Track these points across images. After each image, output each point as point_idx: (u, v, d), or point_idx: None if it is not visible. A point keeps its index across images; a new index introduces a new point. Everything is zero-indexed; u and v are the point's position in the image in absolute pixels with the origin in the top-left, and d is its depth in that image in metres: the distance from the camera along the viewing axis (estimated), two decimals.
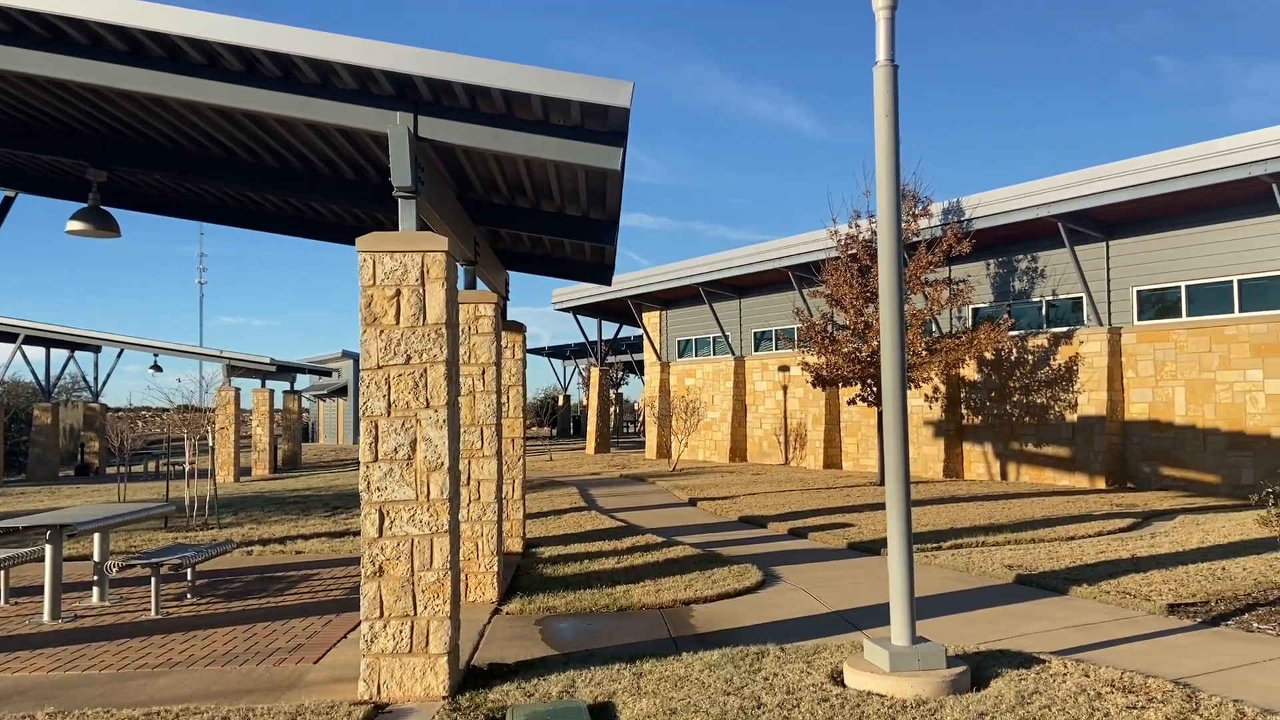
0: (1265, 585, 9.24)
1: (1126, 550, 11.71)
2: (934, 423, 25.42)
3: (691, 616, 8.69)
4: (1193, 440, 20.35)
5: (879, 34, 6.87)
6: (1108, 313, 21.98)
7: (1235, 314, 19.85)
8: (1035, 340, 23.47)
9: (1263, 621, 7.92)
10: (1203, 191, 18.88)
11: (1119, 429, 21.68)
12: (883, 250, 6.82)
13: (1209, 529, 13.52)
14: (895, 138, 6.87)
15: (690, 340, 36.78)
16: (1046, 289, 23.51)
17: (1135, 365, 21.51)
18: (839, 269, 22.28)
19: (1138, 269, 21.58)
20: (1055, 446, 22.87)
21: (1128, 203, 19.88)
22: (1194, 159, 18.48)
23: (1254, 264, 19.54)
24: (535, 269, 12.55)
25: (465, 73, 6.11)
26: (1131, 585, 9.34)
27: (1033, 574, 10.14)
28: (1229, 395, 19.78)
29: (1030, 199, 21.43)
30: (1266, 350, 19.19)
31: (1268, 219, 18.89)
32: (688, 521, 16.00)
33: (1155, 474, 20.98)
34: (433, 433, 6.22)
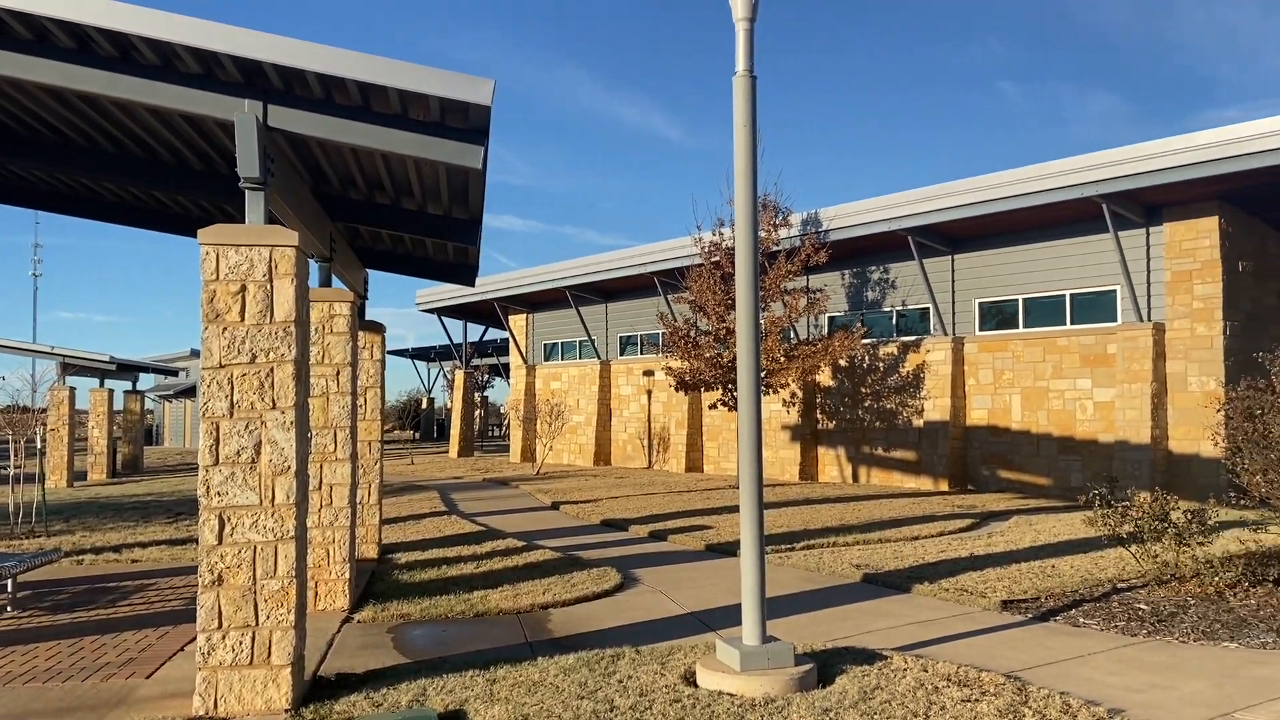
0: (1091, 582, 9.87)
1: (965, 549, 12.31)
2: (791, 427, 26.14)
3: (549, 621, 8.64)
4: (1027, 445, 21.61)
5: (738, 45, 7.00)
6: (952, 323, 23.10)
7: (1067, 326, 21.17)
8: (886, 348, 24.45)
9: (1088, 616, 8.45)
10: (1039, 210, 20.08)
11: (961, 433, 22.82)
12: (740, 256, 6.95)
13: (1040, 529, 14.37)
14: (753, 147, 7.01)
15: (556, 344, 36.69)
16: (897, 299, 24.52)
17: (977, 373, 22.68)
18: (703, 275, 22.66)
19: (980, 282, 22.77)
20: (903, 450, 23.88)
21: (971, 219, 20.96)
22: (1031, 179, 19.65)
23: (1085, 279, 20.90)
24: (396, 268, 12.26)
25: (319, 62, 5.91)
26: (969, 583, 9.82)
27: (879, 573, 10.53)
28: (1061, 403, 21.09)
29: (882, 213, 22.33)
30: (1095, 361, 20.55)
31: (1098, 237, 20.24)
32: (550, 525, 15.93)
33: (993, 476, 22.17)
34: (279, 435, 5.98)
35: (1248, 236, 19.81)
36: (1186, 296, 19.20)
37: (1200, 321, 18.98)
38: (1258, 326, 19.65)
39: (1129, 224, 19.74)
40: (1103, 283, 20.58)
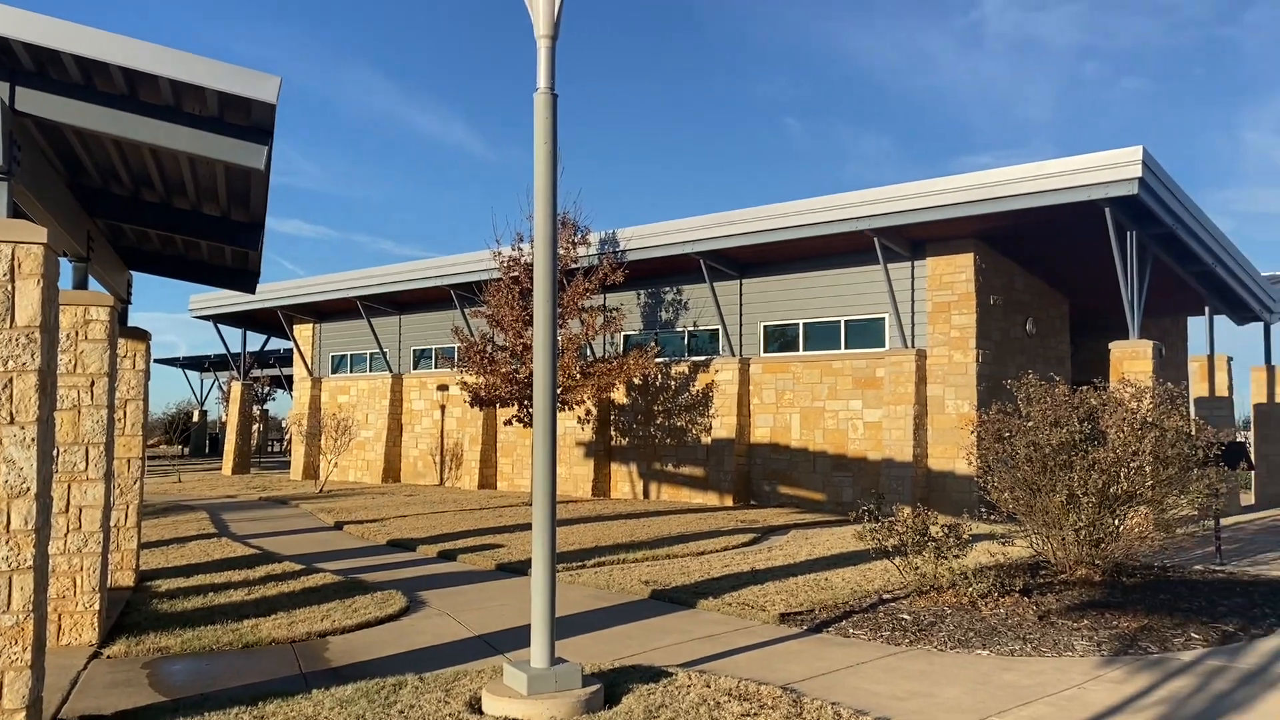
0: (860, 594, 10.45)
1: (748, 564, 12.75)
2: (585, 443, 26.31)
3: (328, 650, 8.21)
4: (805, 462, 22.74)
5: (540, 62, 6.97)
6: (740, 345, 24.03)
7: (842, 350, 22.49)
8: (678, 368, 25.10)
9: (857, 627, 8.92)
10: (818, 241, 21.27)
11: (746, 451, 23.73)
12: (539, 272, 6.91)
13: (816, 543, 15.11)
14: (553, 165, 6.99)
15: (346, 356, 35.29)
16: (689, 320, 25.25)
17: (761, 393, 23.68)
18: (501, 290, 22.46)
19: (766, 306, 23.82)
20: (692, 467, 24.55)
21: (757, 245, 21.92)
22: (811, 211, 20.79)
23: (858, 307, 22.28)
24: (167, 271, 11.39)
25: (78, 43, 5.39)
26: (750, 597, 10.16)
27: (666, 589, 10.72)
28: (835, 422, 22.34)
29: (677, 236, 22.96)
30: (866, 383, 21.92)
31: (870, 268, 21.63)
32: (332, 547, 15.21)
33: (774, 492, 23.17)
34: (17, 453, 5.36)
35: (999, 273, 21.76)
36: (945, 326, 20.85)
37: (957, 349, 20.65)
38: (1006, 355, 21.60)
39: (897, 257, 21.23)
40: (874, 311, 22.01)
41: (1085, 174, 17.45)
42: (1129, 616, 9.21)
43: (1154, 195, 17.58)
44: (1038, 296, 23.36)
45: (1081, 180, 17.50)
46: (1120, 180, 17.06)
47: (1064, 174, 17.73)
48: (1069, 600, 10.01)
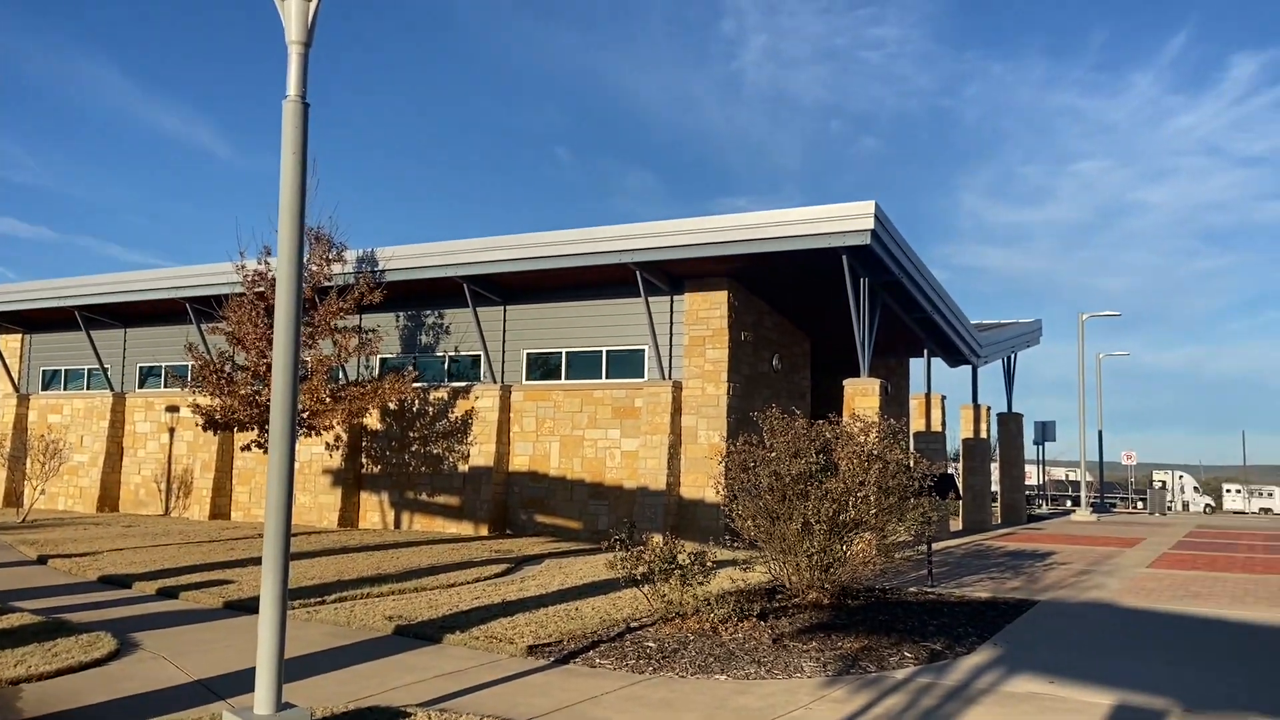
0: (609, 622, 10.54)
1: (500, 595, 12.56)
2: (334, 471, 25.12)
3: (21, 699, 7.26)
4: (563, 490, 22.84)
5: (291, 69, 6.62)
6: (502, 371, 23.86)
7: (603, 380, 22.85)
8: (437, 393, 24.55)
9: (604, 656, 8.98)
10: (583, 271, 21.57)
11: (504, 479, 23.52)
12: (281, 288, 6.50)
13: (569, 572, 15.15)
14: (302, 176, 6.63)
15: (60, 371, 31.87)
16: (451, 345, 24.80)
17: (521, 420, 23.59)
18: (244, 306, 21.06)
19: (530, 333, 23.82)
20: (448, 495, 24.02)
21: (523, 272, 21.92)
22: (577, 242, 21.07)
23: (620, 338, 22.75)
24: None
25: None
26: (499, 629, 10.00)
27: (412, 624, 10.34)
28: (594, 451, 22.61)
29: (441, 258, 22.54)
30: (624, 413, 22.36)
31: (632, 301, 22.14)
32: (34, 583, 13.57)
33: (531, 521, 23.09)
34: None
35: (750, 311, 22.93)
36: (700, 359, 21.69)
37: (710, 381, 21.52)
38: (754, 388, 22.74)
39: (658, 291, 21.89)
40: (634, 342, 22.54)
41: (826, 223, 18.77)
42: (852, 637, 9.84)
43: (884, 246, 19.16)
44: (784, 334, 24.81)
45: (823, 228, 18.80)
46: (855, 230, 18.47)
47: (808, 221, 18.98)
48: (801, 623, 10.57)
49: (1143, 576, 15.55)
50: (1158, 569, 16.78)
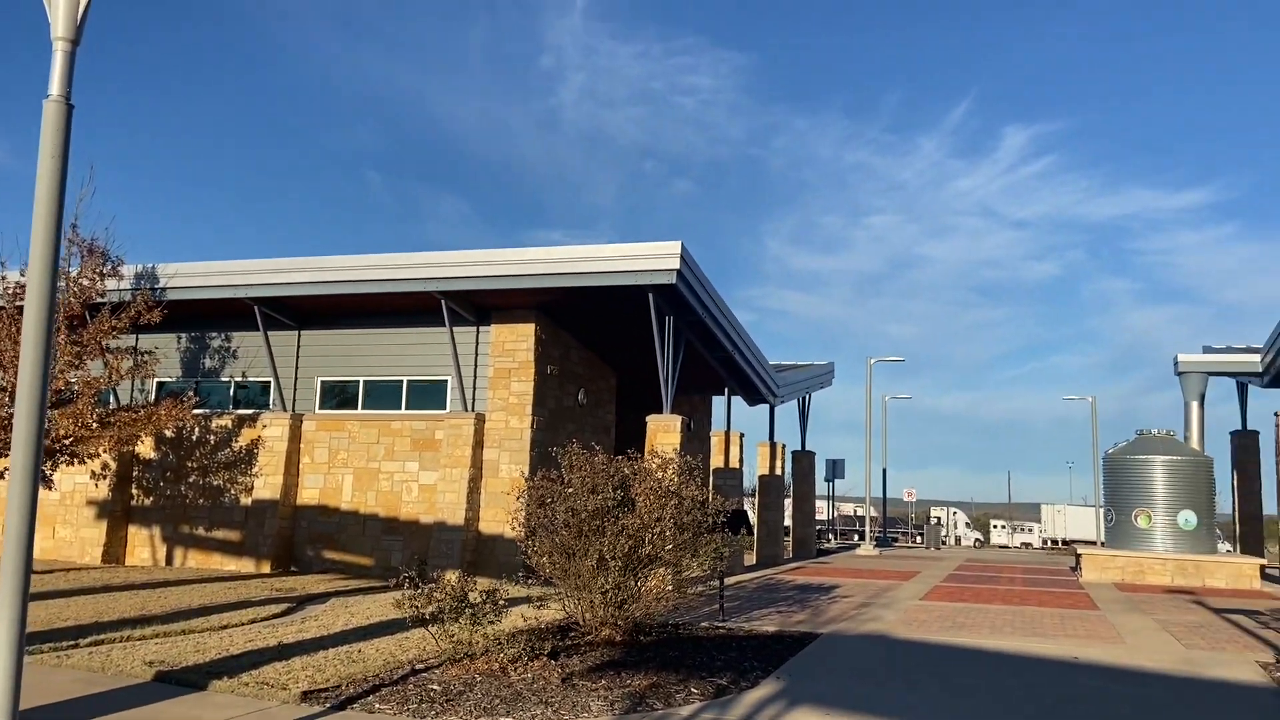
0: (393, 665, 10.10)
1: (276, 637, 11.83)
2: (99, 502, 23.09)
3: None
4: (355, 525, 21.92)
5: (55, 67, 6.07)
6: (294, 399, 22.73)
7: (403, 411, 22.17)
8: (221, 420, 23.10)
9: (385, 701, 8.56)
10: (386, 298, 20.95)
11: (291, 513, 22.32)
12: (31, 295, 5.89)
13: (356, 611, 14.48)
14: (61, 181, 6.06)
15: None
16: (239, 370, 23.43)
17: (313, 451, 22.51)
18: (3, 320, 19.10)
19: (326, 360, 22.84)
20: (228, 530, 22.56)
21: (321, 296, 21.05)
22: (381, 267, 20.45)
23: (422, 367, 22.18)
24: None
25: None
26: (272, 674, 9.37)
27: (175, 669, 9.55)
28: (390, 484, 21.85)
29: (231, 278, 21.32)
30: (424, 445, 21.75)
31: (436, 330, 21.65)
32: None
33: (319, 557, 22.00)
34: None
35: (557, 344, 22.92)
36: (505, 391, 21.44)
37: (514, 414, 21.30)
38: (559, 422, 22.69)
39: (464, 321, 21.53)
40: (438, 372, 22.04)
41: (633, 261, 19.09)
42: (641, 675, 9.86)
43: (689, 286, 19.67)
44: (591, 369, 24.94)
45: (630, 266, 19.11)
46: (662, 270, 18.88)
47: (616, 259, 19.25)
48: (592, 661, 10.50)
49: (916, 608, 16.49)
50: (929, 601, 17.85)
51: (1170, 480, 24.26)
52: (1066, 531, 75.35)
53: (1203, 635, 13.73)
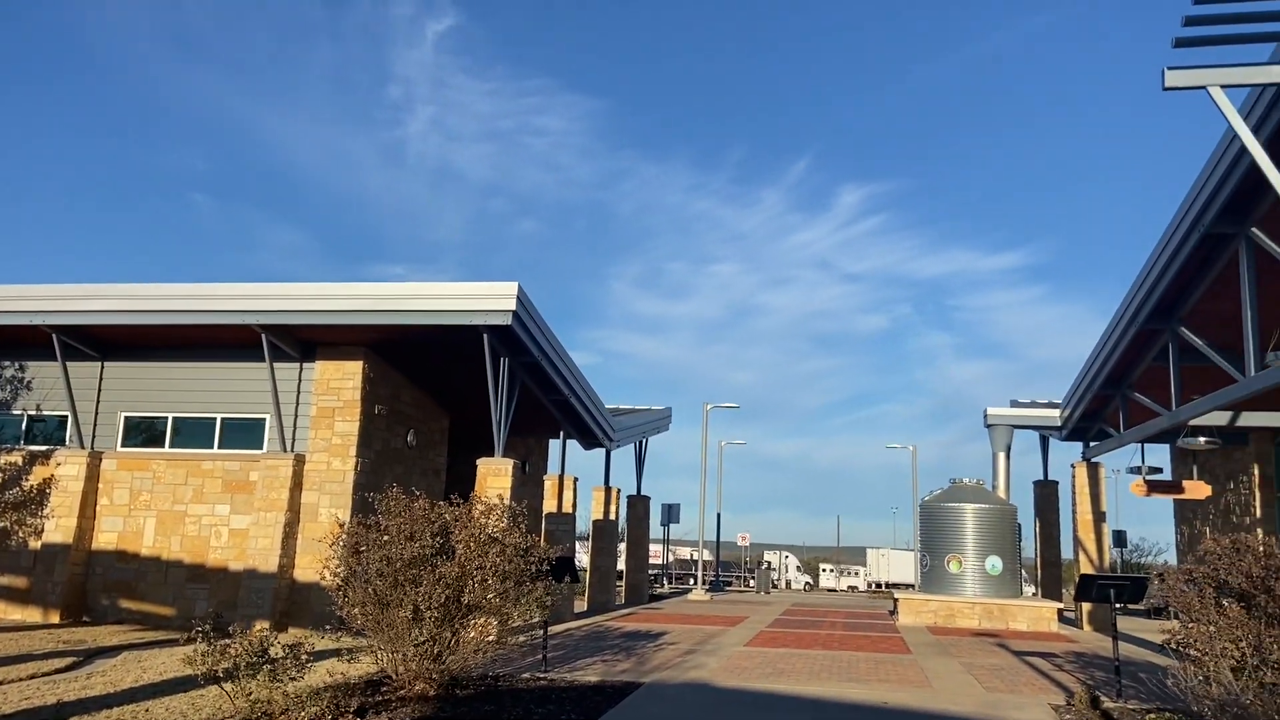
0: None
1: (56, 695, 10.79)
2: None
3: None
4: (156, 572, 20.40)
5: None
6: (93, 435, 21.12)
7: (215, 450, 20.92)
8: (10, 457, 21.21)
9: None
10: (201, 330, 19.82)
11: (84, 559, 20.60)
12: None
13: (149, 666, 13.40)
14: None
15: None
16: (33, 402, 21.60)
17: (112, 492, 20.91)
18: None
19: (130, 394, 21.35)
20: (14, 576, 20.61)
21: (128, 326, 19.73)
22: (195, 297, 19.35)
23: (239, 404, 21.02)
24: None
25: None
26: None
27: None
28: (197, 528, 20.50)
29: (24, 304, 19.74)
30: (237, 487, 20.55)
31: (255, 365, 20.60)
32: None
33: (114, 606, 20.35)
34: None
35: (387, 383, 22.21)
36: (328, 432, 20.55)
37: (337, 456, 20.42)
38: (385, 465, 21.92)
39: (286, 357, 20.57)
40: (256, 410, 20.94)
41: (469, 300, 18.76)
42: None
43: (525, 328, 19.48)
44: (422, 409, 24.28)
45: (465, 305, 18.76)
46: (497, 310, 18.62)
47: (451, 297, 18.87)
48: (402, 717, 10.02)
49: (739, 655, 16.64)
50: (753, 647, 18.07)
51: (979, 527, 25.62)
52: (890, 575, 78.55)
53: (1003, 678, 14.41)
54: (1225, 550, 10.11)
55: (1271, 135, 12.33)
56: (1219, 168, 14.00)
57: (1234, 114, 11.77)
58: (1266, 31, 11.41)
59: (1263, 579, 9.35)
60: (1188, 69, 11.69)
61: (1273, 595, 9.20)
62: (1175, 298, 18.02)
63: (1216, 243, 15.67)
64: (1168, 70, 11.70)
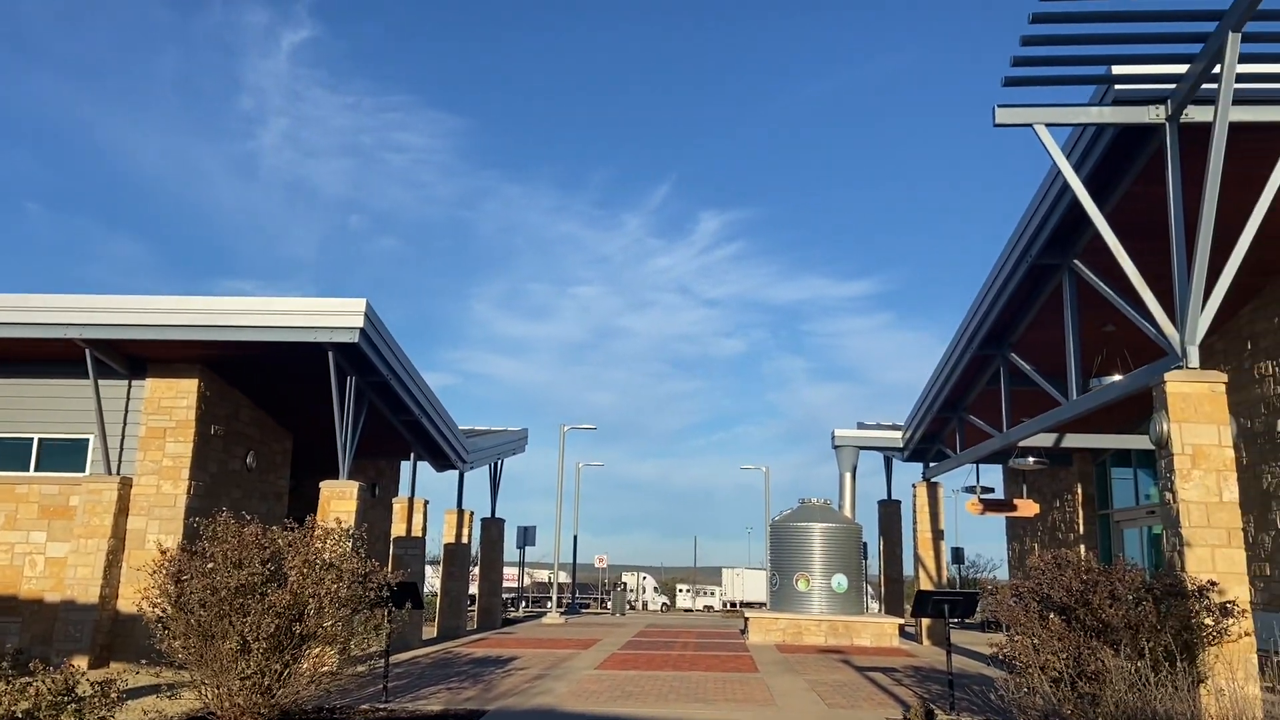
0: None
1: None
2: None
3: None
4: None
5: None
6: None
7: (31, 472, 19.39)
8: None
9: None
10: (19, 343, 18.38)
11: None
12: None
13: None
14: None
15: None
16: None
17: None
18: None
19: None
20: None
21: None
22: (12, 308, 17.95)
23: (60, 424, 19.56)
24: None
25: None
26: None
27: None
28: (9, 557, 18.92)
29: None
30: (56, 513, 19.08)
31: (78, 382, 19.22)
32: None
33: None
34: None
35: (225, 402, 21.08)
36: (159, 453, 19.34)
37: (168, 479, 19.22)
38: (222, 488, 20.78)
39: (113, 374, 19.28)
40: (78, 430, 19.53)
41: (314, 316, 18.02)
42: None
43: (373, 346, 18.86)
44: (263, 430, 23.18)
45: (310, 322, 18.02)
46: (344, 328, 17.96)
47: (294, 313, 18.08)
48: None
49: (589, 679, 16.45)
50: (603, 670, 17.91)
51: (826, 546, 26.30)
52: (744, 594, 79.94)
53: (845, 694, 14.73)
54: (1048, 565, 10.63)
55: (1091, 172, 13.20)
56: (1045, 202, 14.87)
57: (1058, 151, 12.53)
58: (1088, 74, 12.21)
59: (1082, 593, 9.85)
60: (1017, 107, 12.39)
61: (1091, 609, 9.70)
62: (1006, 325, 19.04)
63: (1043, 273, 16.64)
64: (998, 107, 12.37)
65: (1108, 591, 9.68)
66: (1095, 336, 17.00)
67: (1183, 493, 11.27)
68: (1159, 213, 12.20)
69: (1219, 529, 11.14)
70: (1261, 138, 11.91)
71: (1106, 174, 13.48)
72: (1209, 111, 11.42)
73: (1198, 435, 11.46)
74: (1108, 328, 17.67)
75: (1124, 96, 12.15)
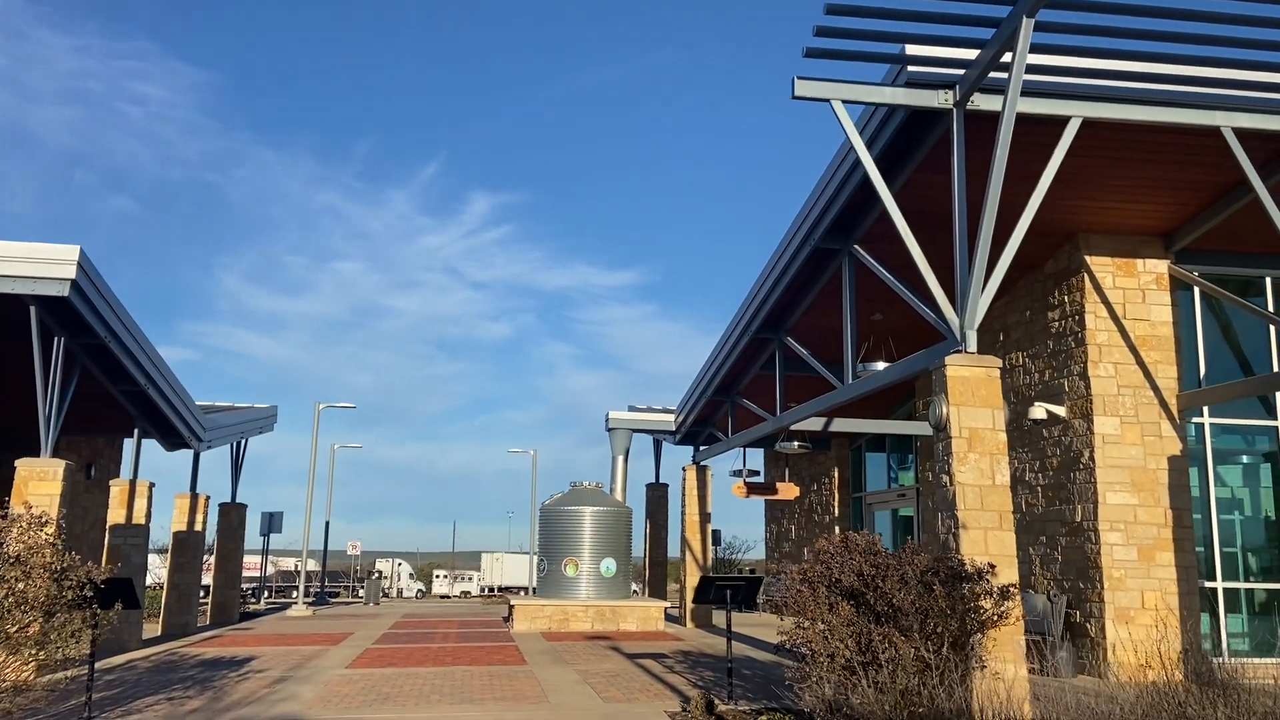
0: None
1: None
2: None
3: None
4: None
5: None
6: None
7: None
8: None
9: None
10: None
11: None
12: None
13: None
14: None
15: None
16: None
17: None
18: None
19: None
20: None
21: None
22: None
23: None
24: None
25: None
26: None
27: None
28: None
29: None
30: None
31: None
32: None
33: None
34: None
35: None
36: None
37: None
38: None
39: None
40: None
41: (10, 264, 15.16)
42: None
43: (88, 302, 16.16)
44: None
45: (7, 270, 15.15)
46: (51, 278, 15.24)
47: None
48: None
49: (339, 679, 14.84)
50: (356, 669, 16.31)
51: (596, 530, 25.70)
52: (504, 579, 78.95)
53: (619, 686, 14.02)
54: (837, 548, 10.30)
55: (879, 155, 13.09)
56: (831, 184, 14.76)
57: (853, 129, 12.28)
58: (884, 52, 12.02)
59: (872, 577, 9.55)
60: (816, 80, 12.01)
61: (880, 594, 9.41)
62: (785, 308, 19.05)
63: (824, 257, 16.64)
64: (797, 79, 11.93)
65: (899, 576, 9.43)
66: (863, 325, 17.25)
67: (959, 475, 11.30)
68: (938, 203, 12.24)
69: (992, 511, 11.26)
70: (1041, 131, 12.17)
71: (893, 158, 13.47)
72: (997, 101, 11.49)
73: (974, 419, 11.55)
74: (876, 316, 18.06)
75: (916, 79, 12.06)
